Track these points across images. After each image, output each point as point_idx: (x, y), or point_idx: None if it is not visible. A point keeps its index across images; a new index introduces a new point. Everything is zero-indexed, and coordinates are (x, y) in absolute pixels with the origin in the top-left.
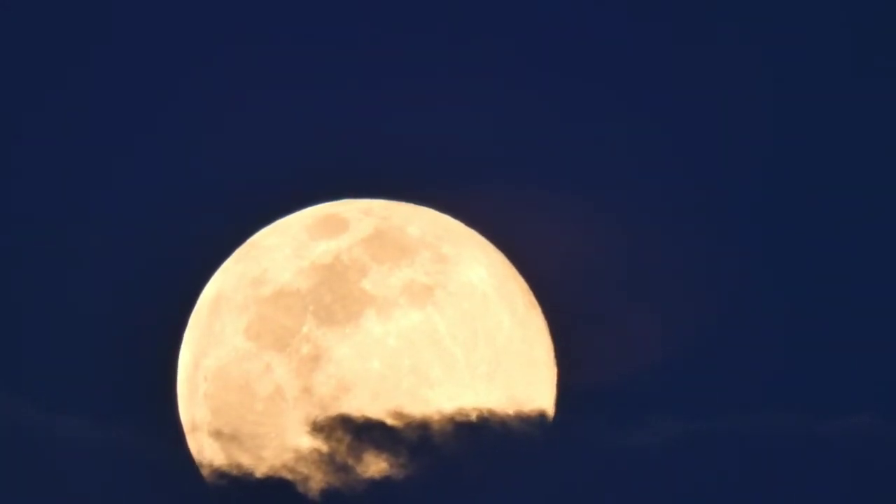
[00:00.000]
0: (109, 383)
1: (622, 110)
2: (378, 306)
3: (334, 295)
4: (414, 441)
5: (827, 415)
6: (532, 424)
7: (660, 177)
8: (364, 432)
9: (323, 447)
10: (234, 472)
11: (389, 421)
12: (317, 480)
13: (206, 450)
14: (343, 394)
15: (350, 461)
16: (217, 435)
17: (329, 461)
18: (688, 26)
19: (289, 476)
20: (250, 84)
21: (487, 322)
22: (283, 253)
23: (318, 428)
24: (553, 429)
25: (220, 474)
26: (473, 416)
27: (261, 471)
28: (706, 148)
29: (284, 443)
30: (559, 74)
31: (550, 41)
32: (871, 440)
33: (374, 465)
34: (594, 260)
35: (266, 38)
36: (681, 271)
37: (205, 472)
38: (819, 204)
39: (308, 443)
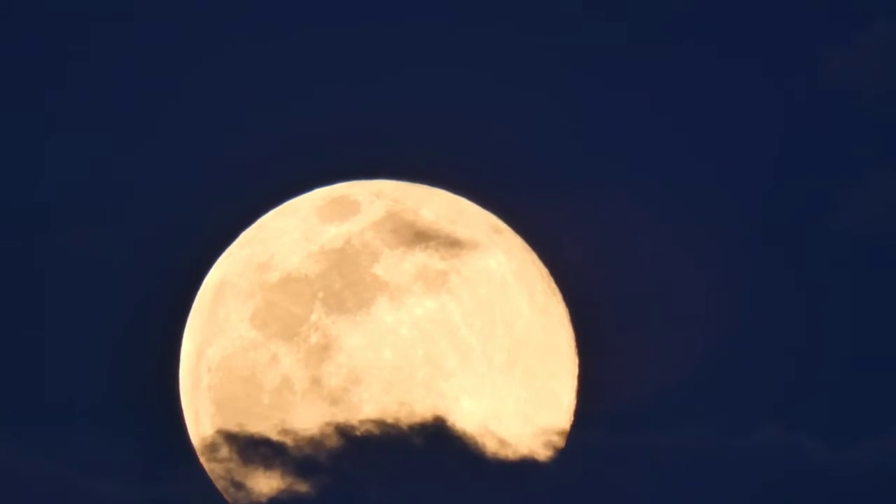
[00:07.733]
0: (107, 373)
1: (653, 93)
2: (390, 293)
3: (345, 281)
4: (300, 458)
5: (737, 428)
6: (426, 436)
7: (676, 169)
8: (250, 449)
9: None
10: None
11: (275, 437)
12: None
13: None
14: (354, 385)
15: (238, 478)
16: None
17: (218, 480)
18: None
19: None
20: (259, 63)
21: (505, 310)
22: (291, 237)
23: (201, 450)
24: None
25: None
26: (360, 431)
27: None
28: (731, 155)
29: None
30: (579, 58)
31: (564, 33)
32: (781, 450)
33: (265, 483)
34: (615, 245)
35: (276, 17)
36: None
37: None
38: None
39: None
